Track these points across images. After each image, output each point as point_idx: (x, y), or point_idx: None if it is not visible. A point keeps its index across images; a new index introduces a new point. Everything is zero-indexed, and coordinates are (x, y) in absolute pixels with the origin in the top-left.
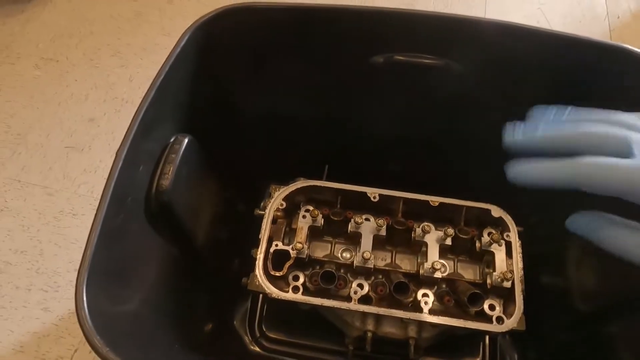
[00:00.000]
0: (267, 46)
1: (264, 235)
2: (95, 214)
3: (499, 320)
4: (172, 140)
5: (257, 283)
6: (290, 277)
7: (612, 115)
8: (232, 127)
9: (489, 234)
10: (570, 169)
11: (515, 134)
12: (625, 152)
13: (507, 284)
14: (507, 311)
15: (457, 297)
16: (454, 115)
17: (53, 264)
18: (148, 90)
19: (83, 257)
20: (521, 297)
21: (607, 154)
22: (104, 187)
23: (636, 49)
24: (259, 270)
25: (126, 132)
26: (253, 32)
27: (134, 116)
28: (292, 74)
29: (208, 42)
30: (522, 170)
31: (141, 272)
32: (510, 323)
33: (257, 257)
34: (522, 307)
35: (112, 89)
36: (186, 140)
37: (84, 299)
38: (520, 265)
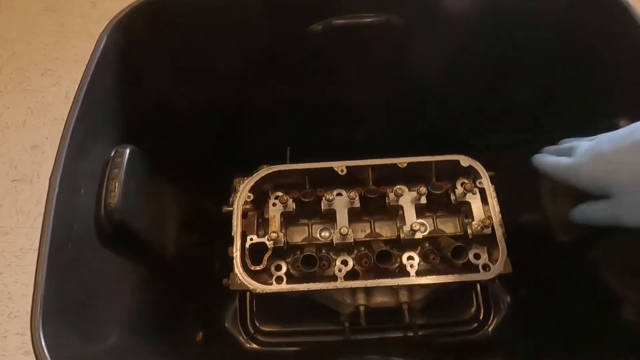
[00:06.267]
0: (196, 34)
1: (237, 231)
2: (39, 249)
3: (486, 267)
4: (112, 154)
5: (239, 282)
6: (273, 268)
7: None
8: (176, 127)
9: (461, 184)
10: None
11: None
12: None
13: (488, 231)
14: (492, 257)
15: (441, 253)
16: (404, 72)
17: (25, 305)
18: (72, 104)
19: (34, 299)
20: (503, 240)
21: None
22: (43, 219)
23: None
24: (238, 269)
25: (56, 155)
26: (176, 22)
27: (62, 136)
28: (228, 60)
29: (129, 40)
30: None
31: (112, 299)
32: (496, 268)
33: (234, 255)
34: (505, 250)
35: (50, 110)
36: (127, 152)
37: (43, 344)
38: (497, 209)
